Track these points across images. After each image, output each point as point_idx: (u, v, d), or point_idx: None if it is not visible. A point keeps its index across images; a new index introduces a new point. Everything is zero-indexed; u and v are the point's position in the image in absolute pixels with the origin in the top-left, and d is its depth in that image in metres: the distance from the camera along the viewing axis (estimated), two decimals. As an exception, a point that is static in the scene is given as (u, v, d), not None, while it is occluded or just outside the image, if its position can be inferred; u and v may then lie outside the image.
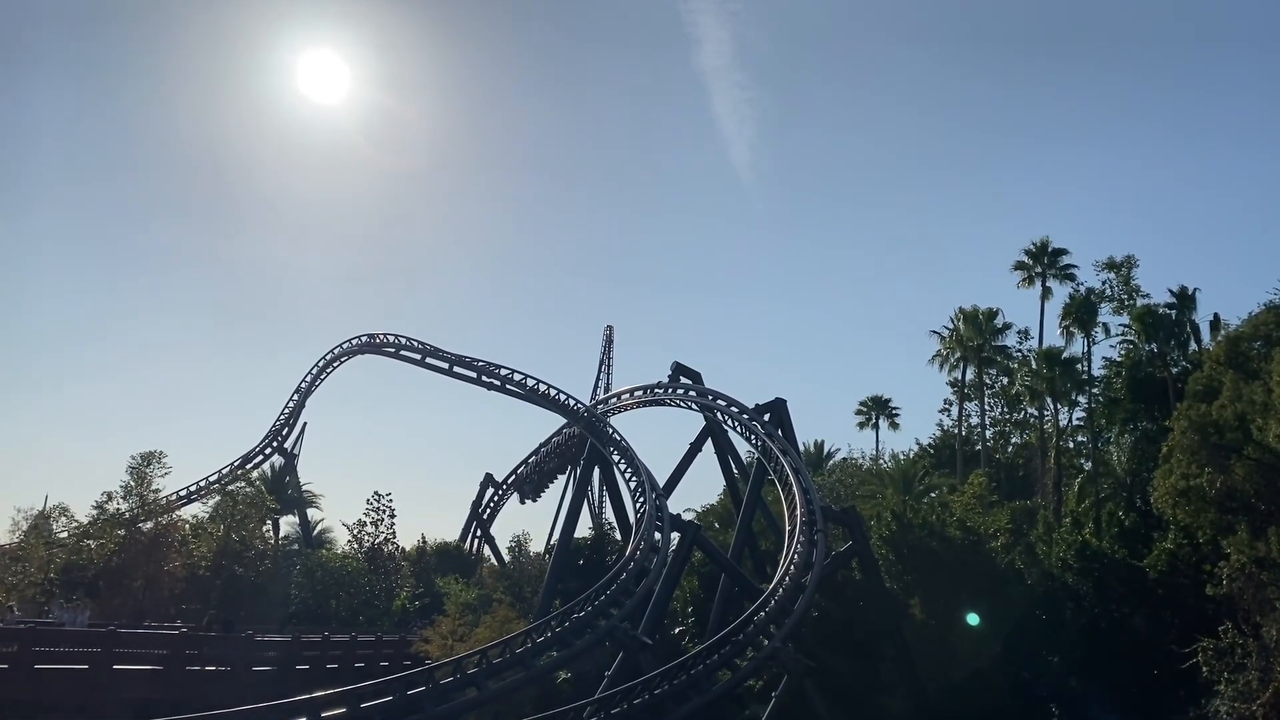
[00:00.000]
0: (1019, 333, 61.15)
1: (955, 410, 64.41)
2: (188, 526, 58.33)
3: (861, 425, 75.09)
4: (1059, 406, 53.46)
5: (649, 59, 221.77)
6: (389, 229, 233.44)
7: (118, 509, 55.43)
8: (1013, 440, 65.96)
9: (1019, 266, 58.37)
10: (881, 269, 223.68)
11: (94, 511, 56.45)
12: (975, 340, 59.01)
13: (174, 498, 62.00)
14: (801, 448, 50.38)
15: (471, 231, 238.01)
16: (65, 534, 57.99)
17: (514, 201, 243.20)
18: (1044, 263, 57.54)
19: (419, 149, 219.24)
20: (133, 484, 55.79)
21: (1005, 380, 62.10)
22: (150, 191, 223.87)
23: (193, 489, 65.94)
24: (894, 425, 75.21)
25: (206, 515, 61.26)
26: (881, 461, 68.17)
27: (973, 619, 32.41)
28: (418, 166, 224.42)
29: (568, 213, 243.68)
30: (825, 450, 72.32)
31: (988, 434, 63.90)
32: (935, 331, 61.56)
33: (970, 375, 60.91)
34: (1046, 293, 57.47)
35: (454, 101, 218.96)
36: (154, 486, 56.94)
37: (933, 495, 51.08)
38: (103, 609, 50.04)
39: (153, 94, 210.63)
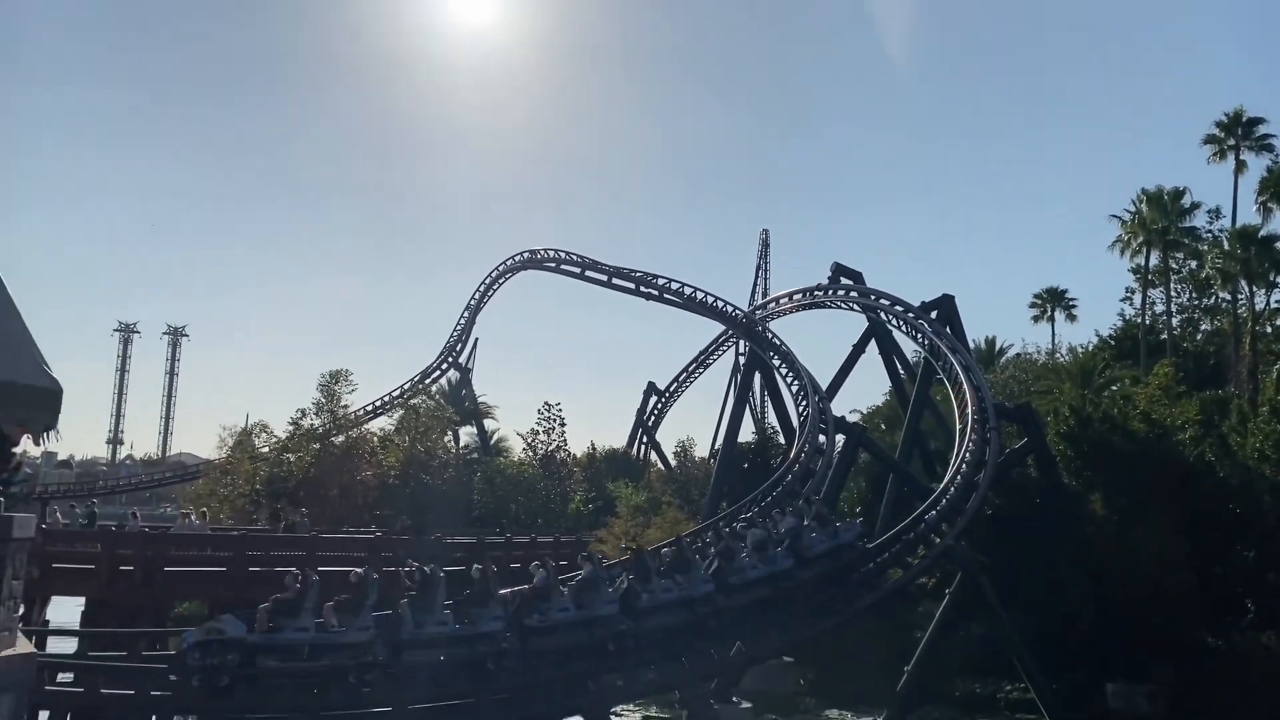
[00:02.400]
0: (1209, 212, 57.07)
1: (1138, 298, 60.90)
2: (376, 439, 61.94)
3: (1036, 319, 72.34)
4: (1254, 289, 49.81)
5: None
6: (542, 145, 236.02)
7: (311, 424, 59.53)
8: (1202, 327, 61.97)
9: (1209, 140, 54.08)
10: (1055, 153, 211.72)
11: (290, 427, 60.89)
12: (1160, 223, 55.28)
13: (361, 413, 65.85)
14: (971, 345, 48.91)
15: (623, 143, 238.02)
16: (266, 449, 62.69)
17: (663, 110, 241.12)
18: (1237, 134, 53.12)
19: (567, 63, 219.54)
20: (324, 400, 59.74)
21: (1193, 264, 58.18)
22: (321, 118, 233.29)
23: (378, 404, 69.96)
24: (1071, 317, 72.07)
25: (392, 428, 64.95)
26: (1058, 356, 65.43)
27: None
28: (567, 81, 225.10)
29: (717, 118, 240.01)
30: (997, 347, 69.88)
31: (1174, 322, 60.23)
32: (1115, 216, 58.11)
33: (1154, 260, 57.35)
34: (1240, 167, 53.24)
35: (600, 9, 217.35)
36: (343, 403, 60.86)
37: (1114, 389, 48.71)
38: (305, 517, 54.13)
39: (307, 20, 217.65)
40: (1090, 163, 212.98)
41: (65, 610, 37.37)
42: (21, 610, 9.79)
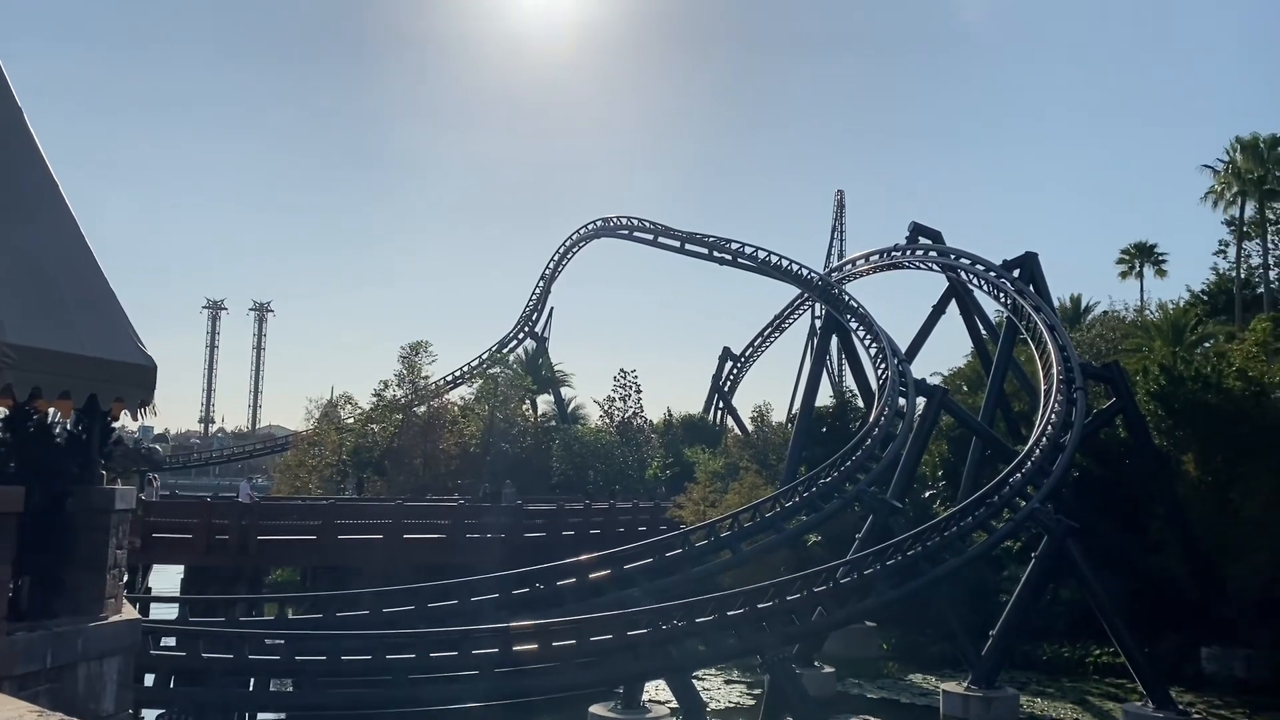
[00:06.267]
0: (1309, 160, 54.37)
1: (1232, 251, 58.56)
2: (456, 409, 62.97)
3: (1124, 275, 70.08)
4: (1360, 239, 47.51)
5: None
6: (615, 115, 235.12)
7: (394, 395, 60.79)
8: (1302, 280, 59.36)
9: (1310, 83, 51.58)
10: (1142, 102, 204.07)
11: (374, 399, 62.29)
12: (1255, 172, 53.01)
13: (441, 383, 66.95)
14: (1056, 304, 47.60)
15: (695, 109, 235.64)
16: (351, 420, 64.22)
17: (734, 75, 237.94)
18: (1341, 76, 50.48)
19: (638, 32, 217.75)
20: (405, 372, 60.93)
21: (1293, 214, 55.69)
22: (400, 93, 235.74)
23: (457, 374, 71.03)
24: (1161, 273, 69.61)
25: (472, 397, 65.95)
26: (1147, 313, 63.36)
27: None
28: (638, 50, 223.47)
29: (786, 80, 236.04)
30: (1083, 305, 67.98)
31: (1271, 275, 57.86)
32: (1208, 166, 55.92)
33: (1250, 211, 55.04)
34: (1345, 110, 50.62)
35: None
36: (423, 373, 61.97)
37: (1207, 346, 47.05)
38: (390, 485, 55.43)
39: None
40: (1179, 111, 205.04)
41: (166, 578, 38.98)
42: (125, 578, 10.18)
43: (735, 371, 78.31)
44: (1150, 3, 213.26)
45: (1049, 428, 31.68)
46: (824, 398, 55.23)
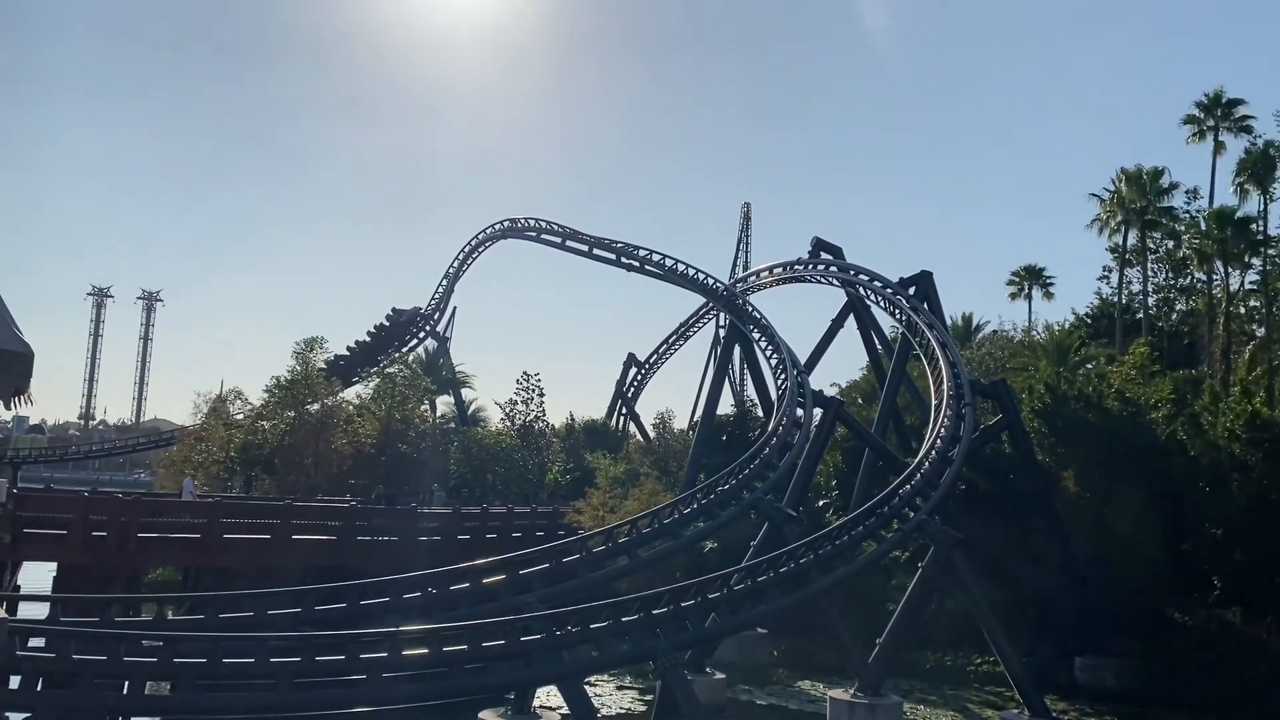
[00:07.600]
0: (1187, 192, 57.16)
1: (1115, 277, 61.18)
2: (351, 408, 61.53)
3: (1013, 296, 72.49)
4: (1230, 270, 50.06)
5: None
6: (526, 117, 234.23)
7: (285, 393, 58.91)
8: (1178, 307, 62.37)
9: (1189, 120, 54.18)
10: (1035, 131, 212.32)
11: (265, 394, 60.38)
12: (1138, 202, 55.45)
13: (336, 380, 65.24)
14: (949, 321, 49.05)
15: (608, 117, 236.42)
16: (241, 416, 62.22)
17: (647, 85, 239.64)
18: (1217, 115, 53.16)
19: (553, 39, 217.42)
20: (298, 368, 59.14)
21: (1171, 244, 58.39)
22: (298, 87, 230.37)
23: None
24: (1048, 295, 72.24)
25: (369, 397, 64.54)
26: (1035, 333, 65.76)
27: None
28: (552, 56, 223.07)
29: (701, 93, 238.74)
30: (974, 323, 70.17)
31: (1150, 301, 60.67)
32: (1094, 194, 58.20)
33: (1132, 240, 57.60)
34: (1219, 148, 53.33)
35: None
36: (318, 369, 60.29)
37: (1089, 367, 49.08)
38: (280, 485, 53.84)
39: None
40: (1070, 142, 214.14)
41: (38, 575, 37.16)
42: (-9, 575, 9.65)
43: (639, 378, 78.52)
44: (1046, 31, 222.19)
45: (938, 441, 32.56)
46: (725, 406, 55.82)
